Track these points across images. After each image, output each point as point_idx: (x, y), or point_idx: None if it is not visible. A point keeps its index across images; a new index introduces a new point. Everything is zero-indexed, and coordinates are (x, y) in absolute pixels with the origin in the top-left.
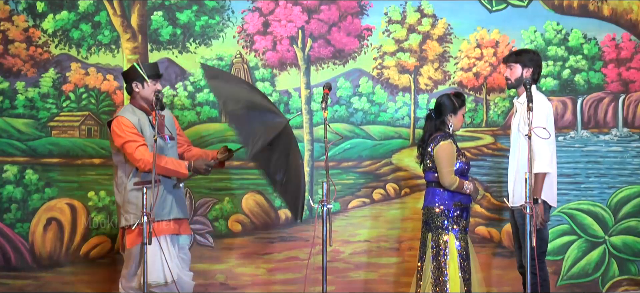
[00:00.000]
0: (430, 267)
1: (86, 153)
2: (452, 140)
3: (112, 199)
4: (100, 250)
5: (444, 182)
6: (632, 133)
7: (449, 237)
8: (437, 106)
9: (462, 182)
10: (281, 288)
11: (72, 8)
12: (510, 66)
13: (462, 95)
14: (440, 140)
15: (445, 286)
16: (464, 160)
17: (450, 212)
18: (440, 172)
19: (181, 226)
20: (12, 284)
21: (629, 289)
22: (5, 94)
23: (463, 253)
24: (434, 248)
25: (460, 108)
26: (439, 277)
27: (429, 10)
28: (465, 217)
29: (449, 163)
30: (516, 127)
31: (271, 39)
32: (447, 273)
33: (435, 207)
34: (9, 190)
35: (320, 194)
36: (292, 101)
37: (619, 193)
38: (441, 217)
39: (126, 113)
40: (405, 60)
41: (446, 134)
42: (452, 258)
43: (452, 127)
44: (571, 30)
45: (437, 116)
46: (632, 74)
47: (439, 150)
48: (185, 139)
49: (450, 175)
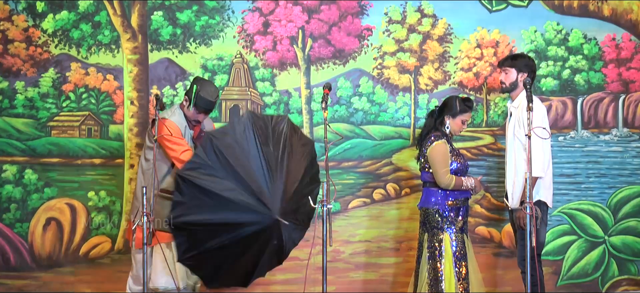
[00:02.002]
0: (426, 267)
1: (86, 153)
2: (445, 140)
3: (112, 199)
4: (100, 250)
5: (441, 183)
6: (632, 133)
7: (444, 236)
8: (442, 104)
9: (459, 179)
10: (281, 288)
11: (72, 8)
12: (505, 70)
13: (469, 102)
14: (433, 141)
15: (441, 286)
16: (460, 161)
17: (445, 211)
18: (435, 173)
19: None
20: (12, 284)
21: (629, 289)
22: (5, 93)
23: (459, 253)
24: (430, 248)
25: (461, 113)
26: (434, 278)
27: (429, 10)
28: (462, 216)
29: (443, 164)
30: (511, 132)
31: (271, 39)
32: (442, 273)
33: (430, 207)
34: (8, 190)
35: (321, 194)
36: (292, 101)
37: (619, 193)
38: (436, 216)
39: (174, 117)
40: (405, 60)
41: (441, 134)
42: (448, 258)
43: (449, 129)
44: (571, 30)
45: (439, 114)
46: (632, 74)
47: (432, 151)
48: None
49: (445, 176)
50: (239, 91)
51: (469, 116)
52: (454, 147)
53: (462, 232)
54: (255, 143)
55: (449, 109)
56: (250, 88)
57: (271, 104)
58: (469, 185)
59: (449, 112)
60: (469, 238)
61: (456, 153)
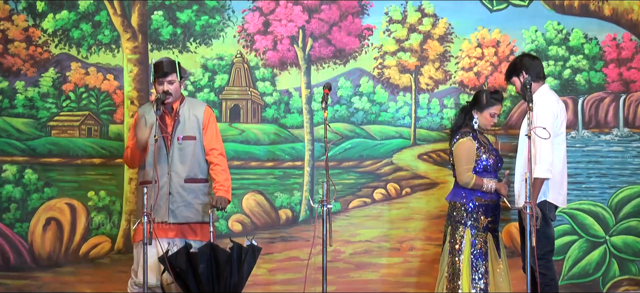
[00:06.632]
0: (446, 260)
1: (86, 153)
2: (472, 136)
3: (112, 199)
4: (100, 250)
5: (460, 180)
6: (633, 133)
7: (466, 232)
8: (473, 98)
9: (480, 180)
10: (281, 288)
11: (72, 8)
12: (511, 83)
13: (497, 95)
14: (459, 138)
15: (458, 282)
16: (492, 157)
17: (470, 207)
18: (457, 169)
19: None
20: (11, 284)
21: (630, 289)
22: (5, 93)
23: (477, 251)
24: (451, 242)
25: (488, 107)
26: (452, 273)
27: (429, 10)
28: (488, 215)
29: (466, 162)
30: (525, 130)
31: (272, 38)
32: (460, 269)
33: (457, 202)
34: (8, 190)
35: (321, 194)
36: (293, 101)
37: (620, 193)
38: (461, 211)
39: (143, 107)
40: (406, 59)
41: (469, 130)
42: (466, 255)
43: (478, 124)
44: (572, 30)
45: (469, 108)
46: (633, 73)
47: (456, 148)
48: (211, 147)
49: (465, 174)
50: (239, 91)
51: (498, 109)
52: (486, 142)
53: (486, 231)
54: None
55: (477, 103)
56: (251, 88)
57: (271, 103)
58: (490, 188)
59: (477, 106)
60: (500, 238)
61: (488, 149)
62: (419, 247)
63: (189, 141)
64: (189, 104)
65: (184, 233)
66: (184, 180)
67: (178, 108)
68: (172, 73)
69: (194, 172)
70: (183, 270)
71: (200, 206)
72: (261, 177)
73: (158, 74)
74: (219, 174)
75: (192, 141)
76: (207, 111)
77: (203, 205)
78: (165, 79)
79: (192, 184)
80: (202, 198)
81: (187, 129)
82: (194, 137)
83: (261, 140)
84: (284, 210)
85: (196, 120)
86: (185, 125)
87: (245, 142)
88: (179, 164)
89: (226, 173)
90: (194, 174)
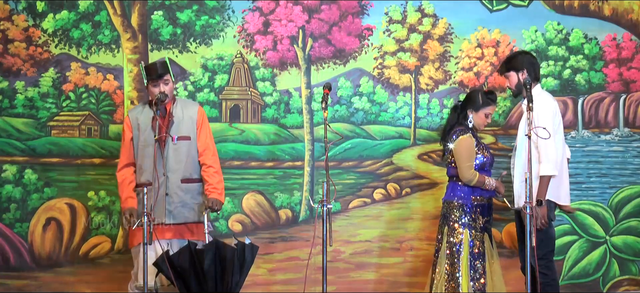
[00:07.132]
0: (444, 261)
1: (86, 153)
2: (471, 134)
3: (112, 199)
4: (100, 250)
5: (463, 177)
6: (633, 133)
7: (464, 233)
8: (465, 97)
9: (482, 177)
10: (281, 288)
11: (72, 8)
12: (506, 76)
13: (492, 95)
14: (459, 135)
15: (458, 282)
16: (486, 155)
17: (468, 207)
18: (459, 167)
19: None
20: (11, 284)
21: (630, 289)
22: (5, 93)
23: (476, 251)
24: (448, 243)
25: (484, 107)
26: (451, 274)
27: (429, 10)
28: (484, 215)
29: (467, 158)
30: (523, 129)
31: (272, 38)
32: (460, 269)
33: (454, 201)
34: (8, 190)
35: (321, 194)
36: (293, 101)
37: (620, 193)
38: (459, 211)
39: (131, 110)
40: (405, 60)
41: (465, 128)
42: (465, 256)
43: (472, 123)
44: (572, 30)
45: (462, 108)
46: (633, 73)
47: (457, 145)
48: (204, 148)
49: (469, 171)
50: (239, 91)
51: (493, 109)
52: (480, 140)
53: (483, 231)
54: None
55: (472, 103)
56: (251, 88)
57: (271, 103)
58: (491, 185)
59: (472, 106)
60: (493, 238)
61: (482, 147)
62: (419, 247)
63: (184, 141)
64: (182, 104)
65: (181, 233)
66: (180, 180)
67: (171, 109)
68: (166, 73)
69: (190, 172)
70: (185, 269)
71: (197, 206)
72: (261, 177)
73: (152, 76)
74: (212, 176)
75: (187, 141)
76: (200, 111)
77: (199, 205)
78: (161, 80)
79: (188, 184)
80: (198, 198)
81: (182, 129)
82: (189, 137)
83: (261, 140)
84: (284, 210)
85: (191, 121)
86: (180, 126)
87: (245, 142)
88: (175, 165)
89: (219, 176)
90: (189, 174)
